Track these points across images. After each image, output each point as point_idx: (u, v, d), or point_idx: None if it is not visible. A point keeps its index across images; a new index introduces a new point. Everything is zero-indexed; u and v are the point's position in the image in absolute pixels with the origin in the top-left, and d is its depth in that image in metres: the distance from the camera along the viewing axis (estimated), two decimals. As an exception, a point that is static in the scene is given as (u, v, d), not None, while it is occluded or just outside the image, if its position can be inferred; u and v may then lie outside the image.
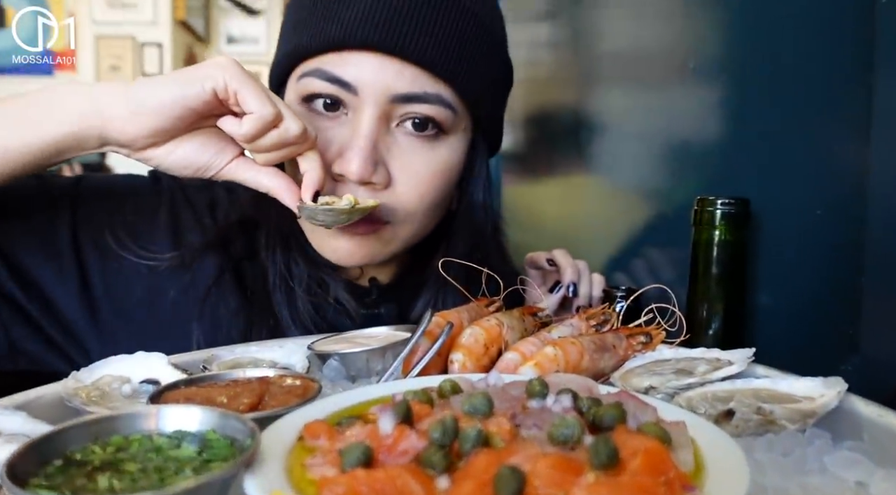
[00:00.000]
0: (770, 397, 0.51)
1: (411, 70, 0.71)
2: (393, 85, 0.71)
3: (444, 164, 0.76)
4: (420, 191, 0.75)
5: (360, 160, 0.70)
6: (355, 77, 0.71)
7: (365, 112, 0.71)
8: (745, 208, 0.68)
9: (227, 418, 0.39)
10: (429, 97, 0.72)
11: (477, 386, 0.47)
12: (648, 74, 1.05)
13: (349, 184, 0.72)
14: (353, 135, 0.72)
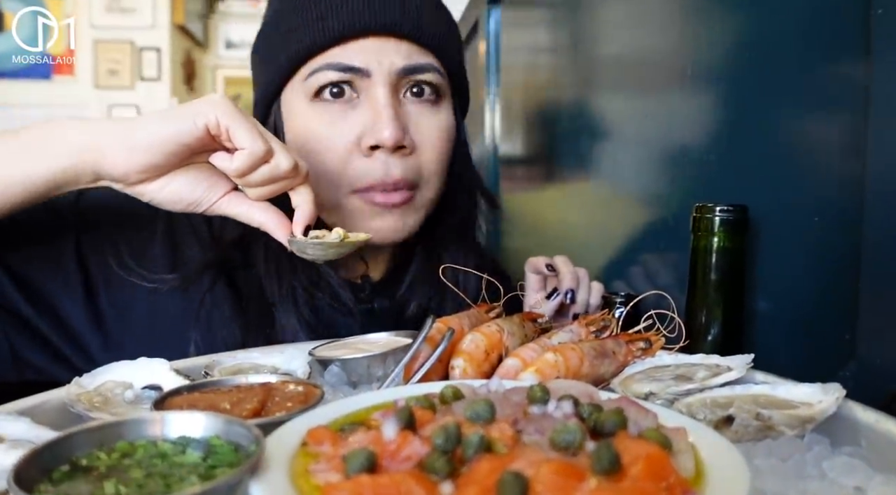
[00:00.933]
0: (769, 403, 0.52)
1: (406, 45, 0.81)
2: (396, 61, 0.80)
3: (447, 126, 0.86)
4: (437, 153, 0.84)
5: (392, 126, 0.77)
6: (364, 61, 0.79)
7: (378, 88, 0.79)
8: (744, 215, 0.68)
9: (232, 424, 0.40)
10: (425, 67, 0.82)
11: (478, 392, 0.47)
12: (647, 80, 1.06)
13: (382, 157, 0.79)
14: (375, 109, 0.79)
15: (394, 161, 0.80)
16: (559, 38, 1.56)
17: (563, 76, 1.51)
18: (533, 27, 1.82)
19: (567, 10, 1.49)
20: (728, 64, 0.82)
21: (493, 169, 2.21)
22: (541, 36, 1.72)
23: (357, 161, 0.80)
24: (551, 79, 1.60)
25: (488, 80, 2.26)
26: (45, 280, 0.76)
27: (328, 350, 0.68)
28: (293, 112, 0.83)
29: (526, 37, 1.92)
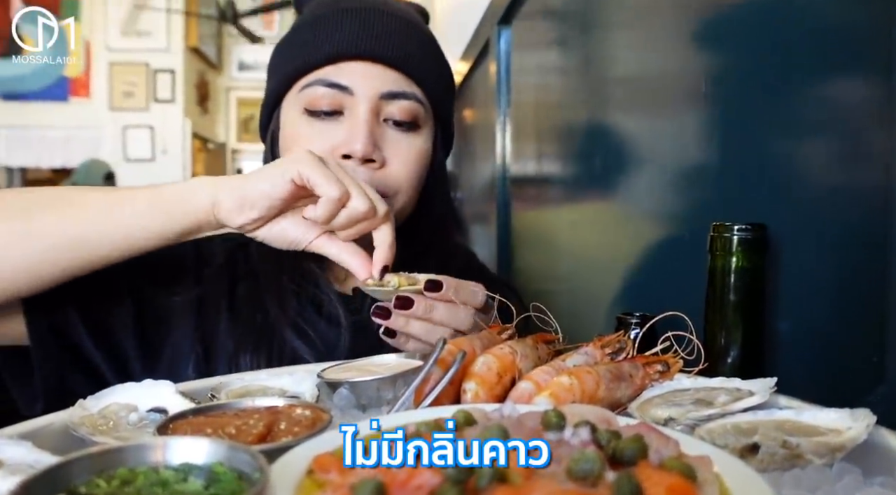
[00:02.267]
0: (794, 429, 0.49)
1: (393, 73, 0.90)
2: (380, 85, 0.89)
3: (422, 150, 0.94)
4: (407, 169, 0.91)
5: (363, 140, 0.86)
6: (350, 81, 0.88)
7: (360, 107, 0.88)
8: (762, 233, 0.66)
9: (236, 451, 0.38)
10: (408, 94, 0.91)
11: (491, 417, 0.45)
12: (660, 99, 1.05)
13: (353, 165, 0.87)
14: (353, 125, 0.88)
15: (362, 170, 0.87)
16: (570, 57, 1.56)
17: (574, 95, 1.50)
18: (543, 47, 1.82)
19: (578, 29, 1.49)
20: (744, 80, 0.81)
21: (504, 188, 2.20)
22: (551, 56, 1.72)
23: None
24: (562, 98, 1.60)
25: (499, 100, 2.26)
26: (106, 315, 0.84)
27: (337, 372, 0.67)
28: (288, 120, 0.93)
29: (536, 57, 1.92)
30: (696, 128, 0.92)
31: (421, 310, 0.73)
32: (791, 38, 0.73)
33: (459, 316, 0.75)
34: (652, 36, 1.08)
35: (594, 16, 1.37)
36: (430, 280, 0.74)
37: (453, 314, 0.75)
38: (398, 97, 0.90)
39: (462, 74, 3.08)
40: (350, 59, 0.89)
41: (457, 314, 0.75)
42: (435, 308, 0.74)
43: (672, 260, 0.97)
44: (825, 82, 0.67)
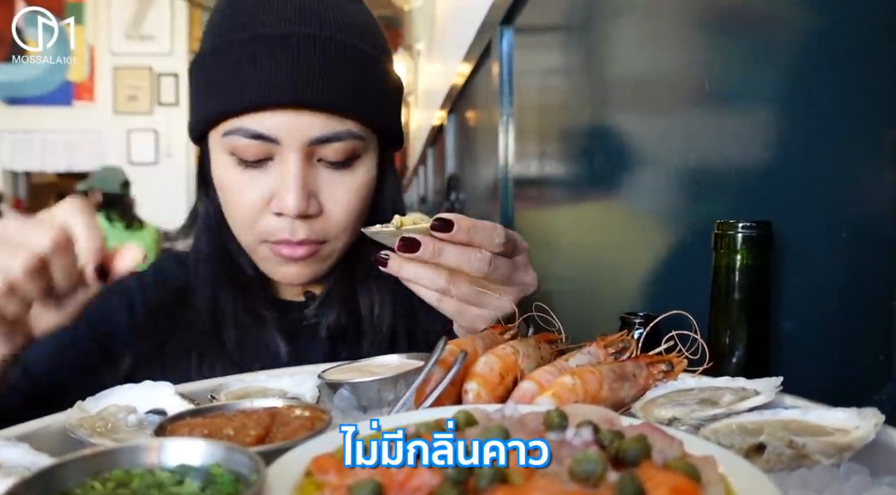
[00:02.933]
0: (800, 429, 0.49)
1: (320, 116, 0.83)
2: (308, 131, 0.83)
3: (362, 184, 0.89)
4: (347, 212, 0.88)
5: (295, 197, 0.82)
6: (276, 132, 0.82)
7: (289, 157, 0.83)
8: (767, 231, 0.66)
9: (232, 452, 0.38)
10: (340, 135, 0.85)
11: (492, 418, 0.45)
12: (663, 99, 1.04)
13: (288, 220, 0.84)
14: (283, 177, 0.83)
15: (299, 224, 0.85)
16: (573, 58, 1.55)
17: (576, 95, 1.50)
18: (546, 47, 1.81)
19: (580, 30, 1.48)
20: (747, 77, 0.80)
21: (507, 190, 2.19)
22: (554, 56, 1.71)
23: (267, 218, 0.86)
24: (565, 98, 1.59)
25: (501, 102, 2.25)
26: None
27: (338, 373, 0.66)
28: (215, 157, 0.89)
29: (539, 57, 1.92)
30: (700, 126, 0.92)
31: (428, 252, 0.66)
32: (796, 36, 0.72)
33: (472, 259, 0.67)
34: (654, 35, 1.07)
35: (596, 15, 1.37)
36: (439, 218, 0.66)
37: (465, 257, 0.67)
38: (330, 140, 0.84)
39: (464, 76, 3.08)
40: (271, 108, 0.82)
41: (469, 257, 0.67)
42: (444, 250, 0.66)
43: (676, 259, 0.96)
44: (831, 79, 0.66)
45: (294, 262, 0.88)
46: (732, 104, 0.84)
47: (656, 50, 1.06)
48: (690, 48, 0.95)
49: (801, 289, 0.69)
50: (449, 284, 0.69)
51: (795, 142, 0.72)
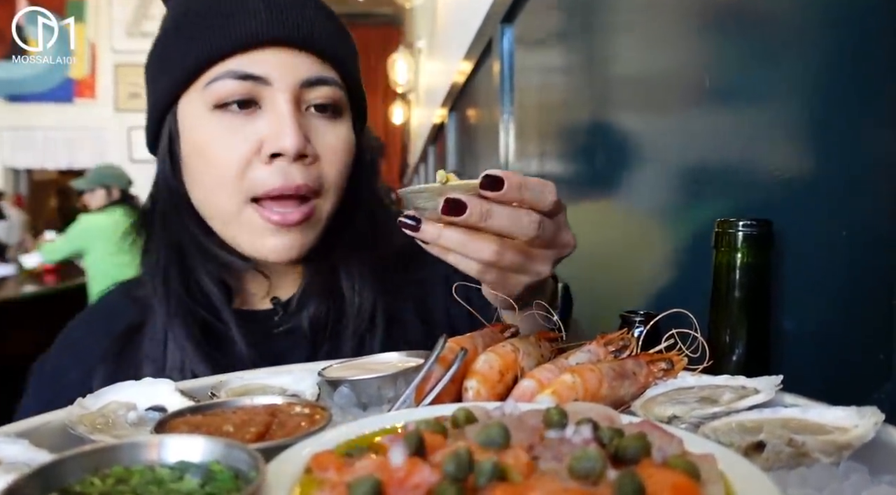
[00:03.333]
0: (800, 427, 0.49)
1: (311, 58, 0.81)
2: (299, 72, 0.80)
3: (347, 139, 0.86)
4: (338, 165, 0.84)
5: (294, 135, 0.78)
6: (266, 71, 0.79)
7: (281, 98, 0.79)
8: (768, 229, 0.65)
9: (232, 449, 0.38)
10: (327, 80, 0.83)
11: (492, 415, 0.45)
12: (664, 97, 1.04)
13: (282, 165, 0.79)
14: (277, 118, 0.79)
15: (295, 168, 0.80)
16: (573, 55, 1.55)
17: (577, 94, 1.49)
18: (547, 45, 1.81)
19: (581, 27, 1.48)
20: (746, 75, 0.80)
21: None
22: (555, 54, 1.71)
23: (257, 169, 0.80)
24: (565, 96, 1.59)
25: (502, 100, 2.25)
26: None
27: (338, 370, 0.66)
28: (192, 121, 0.82)
29: (540, 55, 1.91)
30: (701, 125, 0.91)
31: (476, 214, 0.57)
32: (795, 34, 0.72)
33: (523, 222, 0.59)
34: (655, 33, 1.07)
35: (597, 13, 1.37)
36: (488, 175, 0.57)
37: (516, 220, 0.59)
38: (319, 84, 0.82)
39: (465, 73, 3.08)
40: (263, 47, 0.79)
41: (519, 219, 0.59)
42: (493, 213, 0.58)
43: (676, 257, 0.96)
44: (832, 77, 0.66)
45: (285, 230, 0.81)
46: (733, 102, 0.84)
47: (657, 48, 1.06)
48: (691, 46, 0.95)
49: (801, 287, 0.69)
50: (498, 254, 0.60)
51: (796, 141, 0.72)
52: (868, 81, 0.62)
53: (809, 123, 0.70)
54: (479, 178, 0.57)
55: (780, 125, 0.74)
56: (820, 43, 0.68)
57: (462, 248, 0.60)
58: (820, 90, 0.68)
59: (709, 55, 0.90)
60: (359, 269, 0.90)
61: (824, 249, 0.66)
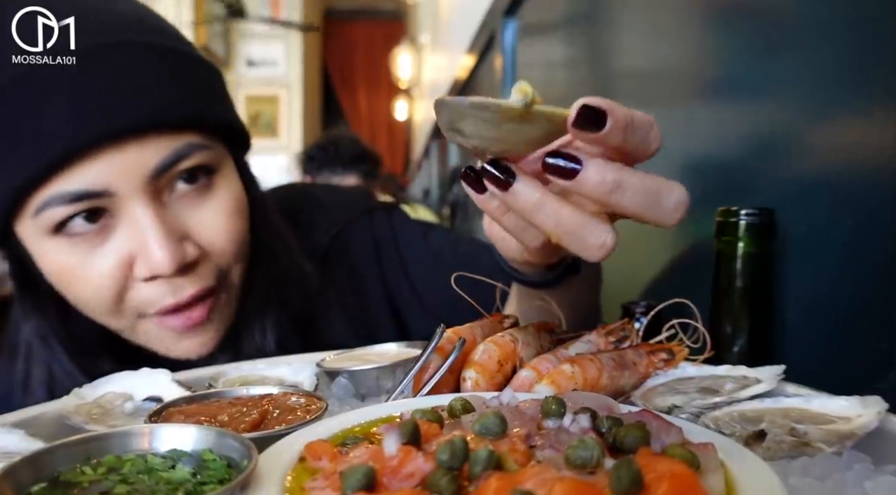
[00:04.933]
0: (802, 417, 0.48)
1: (157, 138, 0.66)
2: (146, 164, 0.65)
3: (232, 199, 0.73)
4: (231, 238, 0.73)
5: (165, 248, 0.65)
6: (103, 181, 0.64)
7: (134, 204, 0.66)
8: (770, 219, 0.65)
9: (224, 437, 0.37)
10: (182, 152, 0.67)
11: (489, 405, 0.44)
12: (665, 87, 1.03)
13: (165, 280, 0.68)
14: (138, 232, 0.66)
15: (181, 282, 0.69)
16: (576, 50, 1.54)
17: (579, 86, 1.48)
18: (549, 40, 1.80)
19: (584, 21, 1.47)
20: (748, 68, 0.79)
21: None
22: (557, 47, 1.70)
23: (136, 289, 0.69)
24: (568, 89, 1.58)
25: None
26: None
27: (337, 361, 0.66)
28: (37, 249, 0.69)
29: (543, 48, 1.90)
30: (703, 115, 0.90)
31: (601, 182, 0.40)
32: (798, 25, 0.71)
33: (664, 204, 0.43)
34: (657, 26, 1.06)
35: (600, 6, 1.36)
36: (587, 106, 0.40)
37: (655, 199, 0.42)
38: (176, 163, 0.67)
39: (468, 68, 3.06)
40: (86, 154, 0.63)
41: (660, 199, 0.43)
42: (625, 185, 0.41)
43: (678, 247, 0.95)
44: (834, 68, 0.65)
45: (193, 332, 0.73)
46: (734, 93, 0.83)
47: (659, 41, 1.05)
48: (694, 39, 0.94)
49: (803, 277, 0.68)
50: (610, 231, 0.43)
51: (799, 131, 0.71)
52: (872, 71, 0.61)
53: (813, 114, 0.69)
54: (574, 109, 0.41)
55: (783, 116, 0.73)
56: (824, 34, 0.67)
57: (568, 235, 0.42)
58: (823, 81, 0.67)
59: (712, 47, 0.89)
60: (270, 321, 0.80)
61: (827, 239, 0.65)
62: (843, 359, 0.64)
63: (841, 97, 0.65)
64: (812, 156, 0.69)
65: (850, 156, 0.64)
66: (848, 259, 0.63)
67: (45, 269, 0.71)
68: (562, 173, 0.41)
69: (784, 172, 0.73)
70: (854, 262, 0.63)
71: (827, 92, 0.66)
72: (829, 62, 0.66)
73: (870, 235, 0.60)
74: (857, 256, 0.62)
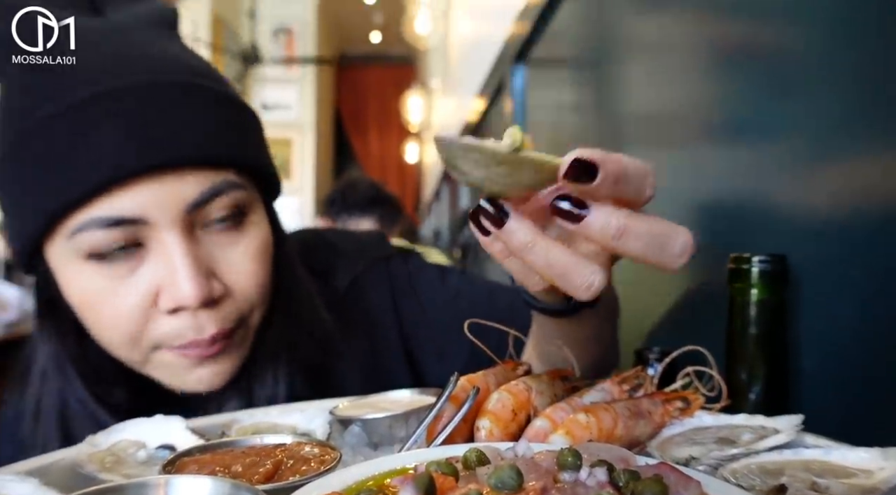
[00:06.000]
0: (823, 470, 0.47)
1: (194, 173, 0.69)
2: (183, 198, 0.68)
3: (261, 242, 0.76)
4: (256, 282, 0.75)
5: (191, 281, 0.67)
6: (141, 210, 0.66)
7: (167, 234, 0.68)
8: (783, 265, 0.65)
9: (239, 490, 0.37)
10: (223, 188, 0.71)
11: (504, 456, 0.44)
12: (675, 132, 1.04)
13: (189, 314, 0.69)
14: (168, 263, 0.68)
15: (204, 316, 0.70)
16: (585, 94, 1.57)
17: (589, 131, 1.51)
18: (559, 84, 1.83)
19: (593, 66, 1.50)
20: (758, 112, 0.80)
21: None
22: (567, 93, 1.73)
23: (158, 322, 0.70)
24: (578, 134, 1.60)
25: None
26: None
27: (349, 409, 0.66)
28: (65, 273, 0.71)
29: (552, 94, 1.94)
30: (713, 160, 0.91)
31: (604, 227, 0.42)
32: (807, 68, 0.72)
33: (670, 249, 0.44)
34: (666, 70, 1.08)
35: (608, 51, 1.38)
36: (579, 159, 0.41)
37: (660, 244, 0.44)
38: (212, 197, 0.70)
39: (478, 112, 3.12)
40: (128, 181, 0.65)
41: (665, 244, 0.44)
42: (630, 231, 0.42)
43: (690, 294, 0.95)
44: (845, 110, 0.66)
45: (209, 361, 0.73)
46: (745, 137, 0.84)
47: (668, 85, 1.07)
48: (702, 82, 0.96)
49: (819, 324, 0.68)
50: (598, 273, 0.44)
51: (810, 176, 0.71)
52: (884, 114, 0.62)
53: (824, 158, 0.69)
54: (566, 161, 0.41)
55: (793, 159, 0.74)
56: (834, 77, 0.68)
57: (558, 276, 0.44)
58: (834, 124, 0.68)
59: (721, 91, 0.91)
60: (283, 369, 0.79)
61: (840, 284, 0.65)
62: (860, 407, 0.63)
63: (852, 140, 0.65)
64: (823, 199, 0.70)
65: (861, 200, 0.64)
66: (862, 304, 0.63)
67: (70, 294, 0.72)
68: (568, 217, 0.43)
69: (795, 216, 0.73)
70: (869, 308, 0.62)
71: (837, 135, 0.67)
72: (840, 104, 0.67)
73: (884, 281, 0.60)
74: (872, 302, 0.62)
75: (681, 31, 1.02)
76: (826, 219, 0.69)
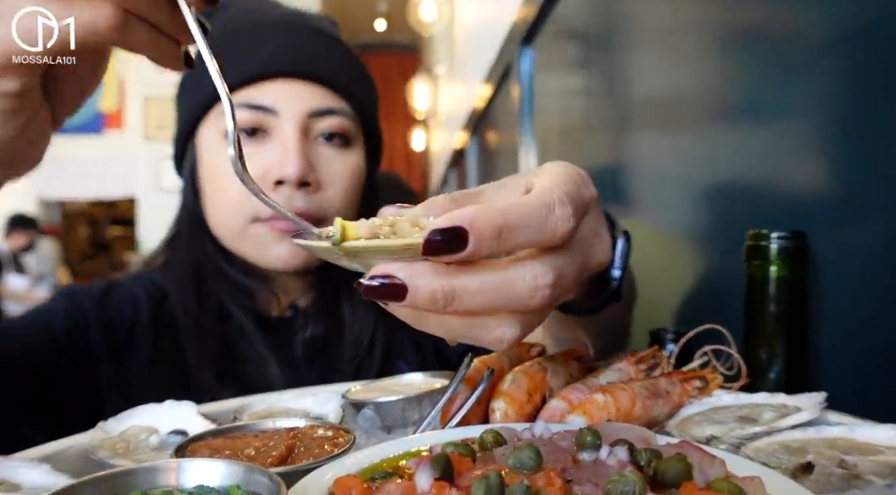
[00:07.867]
0: (849, 447, 0.46)
1: (320, 89, 0.87)
2: (307, 103, 0.86)
3: (356, 167, 0.91)
4: (344, 190, 0.89)
5: (297, 162, 0.83)
6: (274, 102, 0.85)
7: (288, 128, 0.85)
8: (802, 241, 0.63)
9: (252, 472, 0.36)
10: (335, 110, 0.88)
11: (521, 437, 0.43)
12: (688, 114, 1.02)
13: (286, 190, 0.83)
14: (283, 146, 0.84)
15: (297, 195, 0.84)
16: (594, 77, 1.54)
17: (599, 114, 1.48)
18: (567, 67, 1.81)
19: (601, 48, 1.48)
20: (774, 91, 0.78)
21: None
22: (575, 76, 1.71)
23: None
24: (587, 118, 1.58)
25: (522, 122, 2.25)
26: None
27: (362, 393, 0.65)
28: (208, 146, 0.89)
29: (560, 77, 1.91)
30: (728, 141, 0.90)
31: (425, 300, 0.39)
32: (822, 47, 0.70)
33: (515, 287, 0.40)
34: (676, 52, 1.06)
35: (617, 33, 1.36)
36: (439, 229, 0.37)
37: (504, 290, 0.40)
38: (327, 114, 0.87)
39: (485, 98, 3.09)
40: (271, 78, 0.85)
41: (511, 288, 0.40)
42: (456, 294, 0.39)
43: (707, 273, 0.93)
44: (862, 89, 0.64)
45: (289, 240, 0.78)
46: (760, 118, 0.82)
47: (679, 66, 1.05)
48: (714, 64, 0.94)
49: (839, 302, 0.66)
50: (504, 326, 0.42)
51: (827, 154, 0.69)
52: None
53: (840, 136, 0.68)
54: (424, 236, 0.37)
55: (810, 139, 0.72)
56: (846, 54, 0.66)
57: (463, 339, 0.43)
58: (849, 101, 0.66)
59: (733, 71, 0.89)
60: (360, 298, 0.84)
61: (860, 261, 0.64)
62: (883, 384, 0.62)
63: (867, 119, 0.63)
64: (840, 177, 0.68)
65: (878, 177, 0.63)
66: (883, 281, 0.61)
67: (203, 167, 0.89)
68: (389, 298, 0.39)
69: (812, 194, 0.71)
70: (889, 284, 0.61)
71: (853, 114, 0.65)
72: (855, 81, 0.65)
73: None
74: (892, 278, 0.60)
75: (693, 10, 1.00)
76: (846, 198, 0.67)
